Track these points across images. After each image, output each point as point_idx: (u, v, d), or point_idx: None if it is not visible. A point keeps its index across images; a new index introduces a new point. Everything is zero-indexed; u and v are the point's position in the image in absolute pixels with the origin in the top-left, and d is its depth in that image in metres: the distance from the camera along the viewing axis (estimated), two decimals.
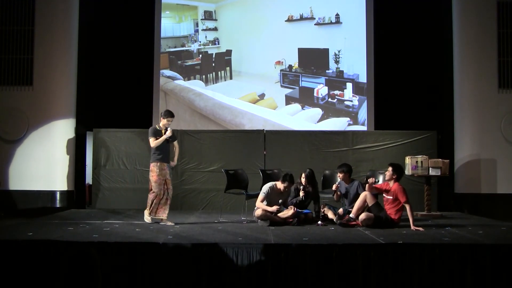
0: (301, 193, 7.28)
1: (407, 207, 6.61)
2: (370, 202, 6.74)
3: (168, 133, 6.92)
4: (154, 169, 6.88)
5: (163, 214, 6.91)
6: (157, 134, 6.94)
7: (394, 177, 6.73)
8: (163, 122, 7.01)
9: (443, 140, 9.78)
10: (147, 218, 6.96)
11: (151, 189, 6.90)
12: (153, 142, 6.87)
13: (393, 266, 5.08)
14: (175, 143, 7.30)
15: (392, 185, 6.74)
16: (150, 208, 6.90)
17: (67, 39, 9.60)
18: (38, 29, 9.41)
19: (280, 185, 7.08)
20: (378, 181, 6.92)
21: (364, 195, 6.78)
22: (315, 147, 9.52)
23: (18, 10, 9.44)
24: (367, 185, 6.80)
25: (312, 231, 6.29)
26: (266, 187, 7.08)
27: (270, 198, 7.02)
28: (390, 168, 6.78)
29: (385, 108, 10.22)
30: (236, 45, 10.62)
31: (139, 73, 10.44)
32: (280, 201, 7.02)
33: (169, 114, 7.02)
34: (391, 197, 6.75)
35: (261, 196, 7.02)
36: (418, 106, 10.10)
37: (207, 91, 10.52)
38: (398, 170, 6.77)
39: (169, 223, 6.88)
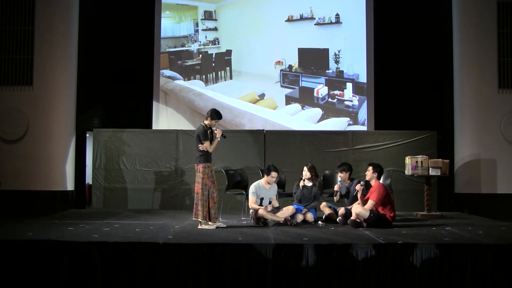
0: (301, 183, 7.34)
1: (369, 203, 6.62)
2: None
3: (219, 133, 6.72)
4: (205, 170, 6.64)
5: (215, 219, 6.73)
6: (207, 135, 6.71)
7: (374, 175, 6.81)
8: (210, 122, 6.75)
9: (443, 140, 9.78)
10: (208, 226, 6.57)
11: (198, 192, 6.61)
12: (210, 147, 6.67)
13: (393, 266, 5.08)
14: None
15: (374, 184, 6.77)
16: (204, 214, 6.58)
17: (67, 39, 9.60)
18: (38, 29, 9.40)
19: (265, 180, 7.12)
20: (363, 184, 6.94)
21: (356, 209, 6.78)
22: (315, 147, 9.53)
23: (18, 10, 9.42)
24: (358, 195, 6.83)
25: (312, 231, 6.30)
26: (252, 187, 7.09)
27: (260, 195, 7.06)
28: (370, 168, 6.87)
29: (385, 108, 10.21)
30: (236, 45, 10.61)
31: (139, 73, 10.44)
32: (270, 199, 7.09)
33: (218, 116, 6.78)
34: None
35: (251, 197, 7.02)
36: (418, 106, 10.09)
37: (207, 91, 10.52)
38: (378, 168, 6.88)
39: (223, 225, 6.82)
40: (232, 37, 10.65)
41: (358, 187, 6.88)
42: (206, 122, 6.80)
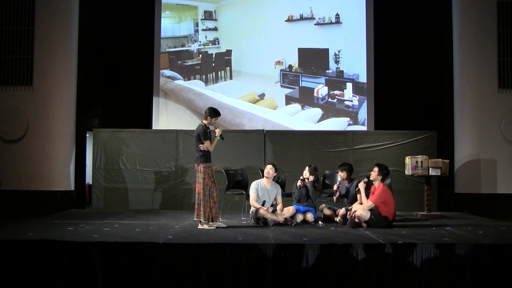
0: (299, 182, 7.34)
1: (368, 203, 6.62)
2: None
3: (219, 132, 6.76)
4: (206, 171, 6.62)
5: (217, 218, 6.72)
6: (207, 134, 6.72)
7: (379, 177, 6.78)
8: (210, 121, 6.76)
9: (443, 140, 9.77)
10: (208, 226, 6.56)
11: (200, 192, 6.59)
12: (210, 146, 6.67)
13: (393, 266, 5.08)
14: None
15: (377, 185, 6.76)
16: (206, 215, 6.56)
17: (67, 39, 9.59)
18: (38, 29, 9.40)
19: (265, 177, 7.13)
20: (366, 181, 6.93)
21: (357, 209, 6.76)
22: (315, 147, 9.52)
23: (18, 10, 9.42)
24: (362, 192, 6.82)
25: (312, 231, 6.30)
26: (253, 184, 7.11)
27: (261, 195, 7.06)
28: (376, 168, 6.82)
29: (385, 108, 10.21)
30: (236, 45, 10.61)
31: (139, 73, 10.44)
32: (273, 201, 7.12)
33: (216, 114, 6.79)
34: None
35: (252, 193, 7.03)
36: (418, 106, 10.10)
37: (207, 91, 10.52)
38: (384, 171, 6.83)
39: (223, 225, 6.81)
40: (232, 37, 10.65)
41: (360, 185, 6.85)
42: (205, 121, 6.81)
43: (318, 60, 10.44)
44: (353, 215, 6.72)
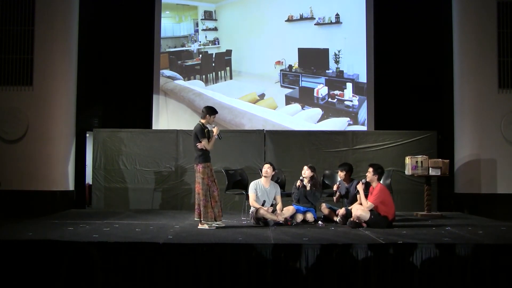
0: (298, 182, 7.34)
1: (368, 204, 6.62)
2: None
3: (216, 131, 6.74)
4: (205, 170, 6.58)
5: (220, 217, 6.66)
6: (204, 133, 6.67)
7: (375, 177, 6.79)
8: (207, 119, 6.74)
9: (443, 140, 9.78)
10: (208, 226, 6.50)
11: (199, 193, 6.55)
12: (208, 145, 6.63)
13: (393, 266, 5.08)
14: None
15: (375, 185, 6.76)
16: (209, 215, 6.52)
17: (67, 39, 9.60)
18: (38, 29, 9.40)
19: (263, 177, 7.13)
20: (364, 182, 6.93)
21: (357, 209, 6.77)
22: (315, 147, 9.52)
23: (18, 10, 9.42)
24: (361, 193, 6.82)
25: (312, 231, 6.30)
26: (252, 184, 7.11)
27: (260, 195, 7.06)
28: (370, 169, 6.82)
29: (385, 108, 10.21)
30: (236, 45, 10.61)
31: (139, 73, 10.44)
32: (273, 201, 7.13)
33: (213, 111, 6.77)
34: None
35: (251, 194, 7.03)
36: (418, 106, 10.09)
37: (207, 91, 10.52)
38: (379, 170, 6.83)
39: (222, 224, 6.74)
40: (232, 37, 10.65)
41: (359, 186, 6.86)
42: (202, 121, 6.79)
43: (318, 60, 10.44)
44: (354, 218, 6.72)
